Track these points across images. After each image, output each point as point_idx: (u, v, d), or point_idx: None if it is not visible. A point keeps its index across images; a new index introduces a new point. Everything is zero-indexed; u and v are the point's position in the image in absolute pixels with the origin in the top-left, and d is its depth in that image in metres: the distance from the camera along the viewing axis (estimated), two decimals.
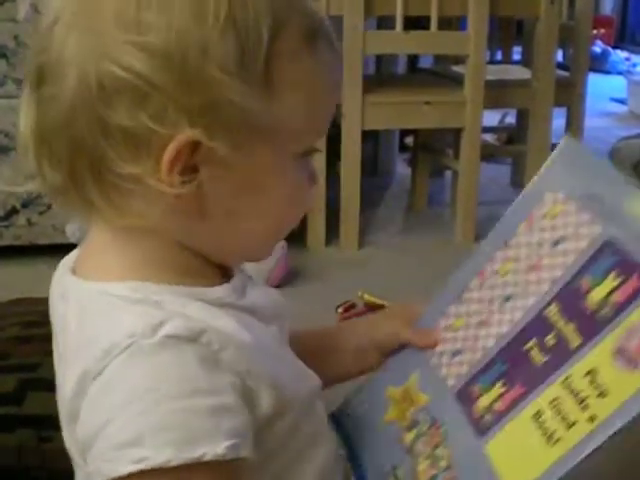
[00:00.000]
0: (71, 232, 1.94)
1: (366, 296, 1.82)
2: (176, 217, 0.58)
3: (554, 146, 0.74)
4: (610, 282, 0.65)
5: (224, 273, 0.65)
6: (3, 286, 1.82)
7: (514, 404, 0.67)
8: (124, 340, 0.54)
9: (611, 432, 0.58)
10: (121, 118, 0.54)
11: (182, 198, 0.56)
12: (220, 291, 0.61)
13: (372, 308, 1.80)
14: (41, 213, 2.06)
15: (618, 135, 3.06)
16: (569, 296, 0.69)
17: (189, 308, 0.57)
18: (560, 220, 0.73)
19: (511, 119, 3.12)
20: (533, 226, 0.75)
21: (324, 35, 0.61)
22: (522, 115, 2.68)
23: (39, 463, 0.97)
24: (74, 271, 0.63)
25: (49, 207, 2.06)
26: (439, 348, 0.78)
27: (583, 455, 0.59)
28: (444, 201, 2.63)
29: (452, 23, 2.61)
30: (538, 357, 0.68)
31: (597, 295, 0.66)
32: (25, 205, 2.06)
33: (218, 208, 0.59)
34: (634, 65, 5.40)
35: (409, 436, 0.75)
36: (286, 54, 0.57)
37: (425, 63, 3.02)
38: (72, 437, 0.60)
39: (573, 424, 0.61)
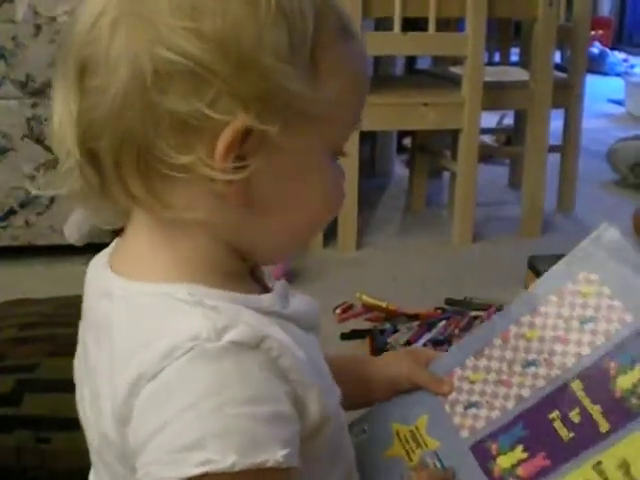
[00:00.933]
0: (69, 233, 1.93)
1: (364, 297, 1.82)
2: (223, 209, 0.58)
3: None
4: (638, 373, 0.69)
5: (256, 279, 0.67)
6: (1, 287, 1.82)
7: (539, 475, 0.69)
8: (187, 342, 0.54)
9: None
10: (175, 104, 0.54)
11: (231, 187, 0.56)
12: (268, 299, 0.62)
13: (370, 309, 1.80)
14: (39, 214, 2.06)
15: (616, 136, 3.07)
16: (595, 376, 0.72)
17: (245, 315, 0.57)
18: (592, 301, 0.76)
19: (509, 120, 3.12)
20: (564, 300, 0.78)
21: (354, 31, 0.63)
22: (520, 116, 2.68)
23: (37, 463, 0.97)
24: (114, 268, 0.63)
25: (47, 208, 2.06)
26: (452, 396, 0.80)
27: None
28: (442, 202, 2.64)
29: (450, 24, 2.61)
30: (563, 431, 0.71)
31: (624, 383, 0.70)
32: (23, 206, 2.06)
33: (263, 198, 0.59)
34: (632, 66, 5.41)
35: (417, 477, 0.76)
36: (327, 44, 0.59)
37: (423, 64, 3.03)
38: (106, 439, 0.59)
39: None
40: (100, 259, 0.66)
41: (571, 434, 0.70)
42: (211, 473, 0.52)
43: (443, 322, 1.71)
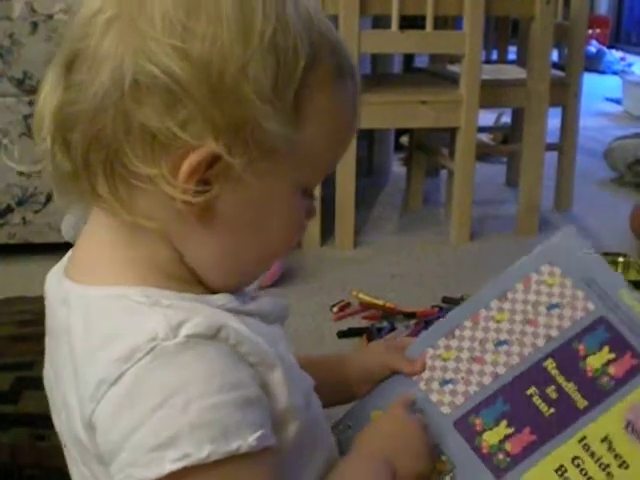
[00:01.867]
0: (66, 231, 1.93)
1: (361, 295, 1.82)
2: (180, 224, 0.59)
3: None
4: (605, 354, 0.77)
5: None
6: None
7: (528, 450, 0.74)
8: (146, 344, 0.54)
9: None
10: (148, 118, 0.55)
11: (189, 207, 0.57)
12: (222, 298, 0.61)
13: (367, 307, 1.80)
14: (36, 212, 2.06)
15: (613, 135, 3.08)
16: (566, 356, 0.79)
17: (198, 309, 0.58)
18: (556, 290, 0.84)
19: (506, 118, 3.13)
20: (530, 287, 0.85)
21: (351, 71, 0.62)
22: (517, 114, 2.68)
23: (34, 462, 0.97)
24: (69, 274, 0.63)
25: (44, 206, 2.06)
26: (426, 375, 0.83)
27: None
28: (439, 200, 2.64)
29: (448, 22, 2.61)
30: (543, 407, 0.76)
31: (594, 362, 0.77)
32: (20, 203, 2.06)
33: (221, 222, 0.59)
34: (629, 65, 5.41)
35: None
36: (317, 85, 0.59)
37: (421, 62, 3.03)
38: (80, 443, 0.60)
39: None
40: (57, 268, 0.66)
41: (551, 409, 0.76)
42: (189, 466, 0.53)
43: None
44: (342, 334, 1.68)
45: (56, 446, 0.67)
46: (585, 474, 0.73)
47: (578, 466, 0.73)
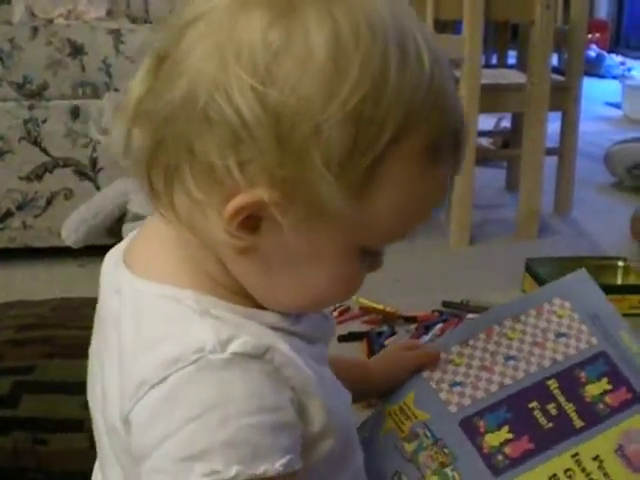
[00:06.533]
0: (66, 235, 1.94)
1: (361, 300, 1.82)
2: (225, 248, 0.57)
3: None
4: (604, 384, 0.84)
5: None
6: None
7: (525, 456, 0.79)
8: (193, 354, 0.54)
9: None
10: (208, 150, 0.53)
11: (234, 242, 0.55)
12: (272, 317, 0.60)
13: (367, 312, 1.80)
14: (36, 216, 2.06)
15: (613, 139, 3.08)
16: (568, 379, 0.85)
17: (248, 326, 0.57)
18: (565, 321, 0.90)
19: (506, 123, 3.13)
20: (542, 315, 0.91)
21: (453, 145, 0.56)
22: (517, 119, 2.68)
23: (34, 465, 0.97)
24: (127, 261, 0.63)
25: (44, 210, 2.06)
26: (437, 375, 0.87)
27: None
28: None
29: (447, 27, 2.61)
30: (543, 420, 0.81)
31: (593, 390, 0.83)
32: (20, 207, 2.06)
33: (264, 262, 0.57)
34: (629, 69, 5.42)
35: (409, 447, 0.82)
36: (400, 159, 0.53)
37: None
38: (115, 428, 0.59)
39: None
40: (115, 252, 0.66)
41: (550, 424, 0.81)
42: None
43: (440, 324, 1.71)
44: (342, 338, 1.68)
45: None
46: None
47: (570, 477, 0.78)
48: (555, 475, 0.78)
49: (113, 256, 0.65)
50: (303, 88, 0.51)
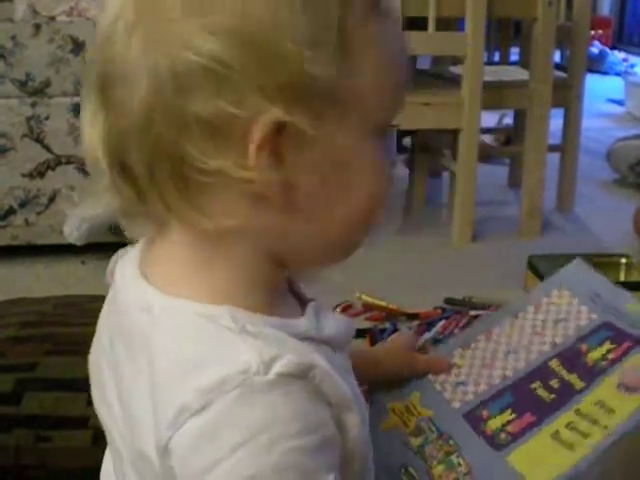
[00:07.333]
0: (69, 232, 1.94)
1: (364, 296, 1.82)
2: (264, 212, 0.56)
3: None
4: (606, 347, 0.85)
5: (292, 291, 0.66)
6: (0, 286, 1.82)
7: (528, 428, 0.80)
8: (237, 376, 0.52)
9: (623, 432, 0.75)
10: (199, 107, 0.52)
11: (270, 187, 0.54)
12: (304, 324, 0.59)
13: (370, 308, 1.80)
14: (39, 213, 2.06)
15: (615, 136, 3.07)
16: (569, 355, 0.87)
17: (288, 343, 0.56)
18: (564, 307, 0.93)
19: (509, 120, 3.12)
20: (540, 309, 0.94)
21: (388, 7, 0.60)
22: (520, 116, 2.68)
23: (37, 463, 0.97)
24: (150, 279, 0.60)
25: (47, 207, 2.06)
26: (441, 378, 0.90)
27: (600, 451, 0.75)
28: (442, 202, 2.64)
29: (450, 24, 2.61)
30: (545, 394, 0.83)
31: (595, 355, 0.85)
32: (23, 205, 2.06)
33: (305, 196, 0.57)
34: (632, 66, 5.41)
35: (416, 441, 0.84)
36: (358, 20, 0.56)
37: (423, 64, 3.02)
38: (142, 457, 0.57)
39: (589, 435, 0.77)
40: (129, 267, 0.62)
41: (552, 395, 0.83)
42: None
43: (443, 321, 1.71)
44: None
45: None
46: (576, 431, 0.78)
47: (572, 429, 0.79)
48: (557, 432, 0.79)
49: (127, 270, 0.63)
50: None
